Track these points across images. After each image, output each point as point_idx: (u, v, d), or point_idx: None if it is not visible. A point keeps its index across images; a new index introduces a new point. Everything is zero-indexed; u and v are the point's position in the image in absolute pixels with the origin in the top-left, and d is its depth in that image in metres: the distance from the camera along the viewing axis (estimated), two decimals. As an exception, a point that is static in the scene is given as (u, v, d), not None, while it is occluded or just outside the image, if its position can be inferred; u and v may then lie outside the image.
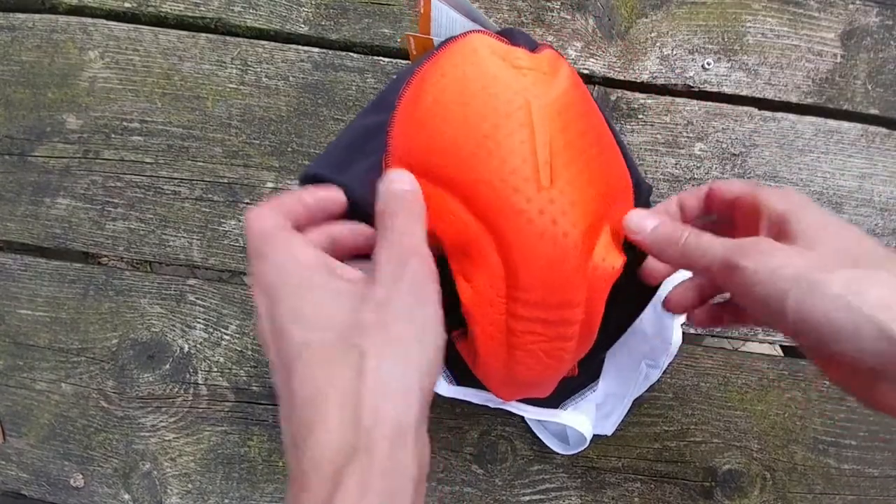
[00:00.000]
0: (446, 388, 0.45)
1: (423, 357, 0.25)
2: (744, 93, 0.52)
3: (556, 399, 0.45)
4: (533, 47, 0.35)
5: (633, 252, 0.35)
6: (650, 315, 0.47)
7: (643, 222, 0.32)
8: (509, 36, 0.35)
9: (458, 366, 0.43)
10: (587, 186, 0.31)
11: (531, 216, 0.30)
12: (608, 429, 0.47)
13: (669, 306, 0.37)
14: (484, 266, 0.31)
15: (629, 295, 0.37)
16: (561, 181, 0.30)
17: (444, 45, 0.35)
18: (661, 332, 0.47)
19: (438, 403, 0.49)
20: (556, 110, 0.31)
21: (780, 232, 0.29)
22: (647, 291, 0.40)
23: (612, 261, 0.33)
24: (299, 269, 0.26)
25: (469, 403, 0.46)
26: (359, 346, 0.24)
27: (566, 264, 0.30)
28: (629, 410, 0.48)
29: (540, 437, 0.48)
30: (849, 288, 0.25)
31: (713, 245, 0.30)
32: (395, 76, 0.39)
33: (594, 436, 0.47)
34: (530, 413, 0.46)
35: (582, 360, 0.38)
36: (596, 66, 0.52)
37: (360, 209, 0.32)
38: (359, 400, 0.23)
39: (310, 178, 0.35)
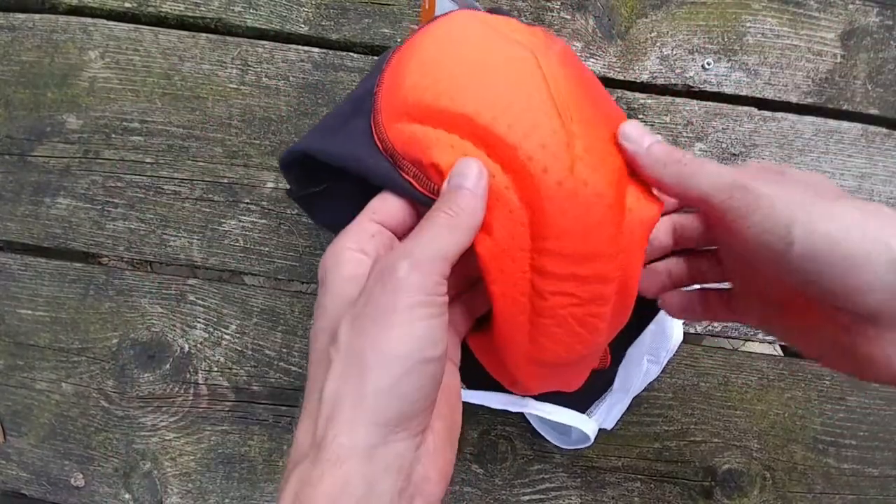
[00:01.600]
0: (461, 394, 0.43)
1: (372, 379, 0.23)
2: (744, 93, 0.52)
3: (586, 398, 0.43)
4: None
5: None
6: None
7: (643, 135, 0.28)
8: (498, 13, 0.35)
9: (470, 372, 0.40)
10: (604, 128, 0.29)
11: (557, 151, 0.26)
12: (608, 423, 0.47)
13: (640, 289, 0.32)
14: (503, 211, 0.27)
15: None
16: (580, 124, 0.27)
17: (434, 20, 0.33)
18: (661, 326, 0.47)
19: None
20: (561, 62, 0.29)
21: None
22: None
23: (646, 205, 0.29)
24: (341, 282, 0.26)
25: (477, 406, 0.45)
26: (329, 357, 0.24)
27: (598, 205, 0.26)
28: (629, 408, 0.48)
29: (539, 431, 0.48)
30: (862, 212, 0.24)
31: (720, 169, 0.27)
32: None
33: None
34: (562, 417, 0.42)
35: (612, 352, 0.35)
36: (596, 66, 0.52)
37: (353, 167, 0.29)
38: (319, 411, 0.24)
39: (292, 160, 0.32)
